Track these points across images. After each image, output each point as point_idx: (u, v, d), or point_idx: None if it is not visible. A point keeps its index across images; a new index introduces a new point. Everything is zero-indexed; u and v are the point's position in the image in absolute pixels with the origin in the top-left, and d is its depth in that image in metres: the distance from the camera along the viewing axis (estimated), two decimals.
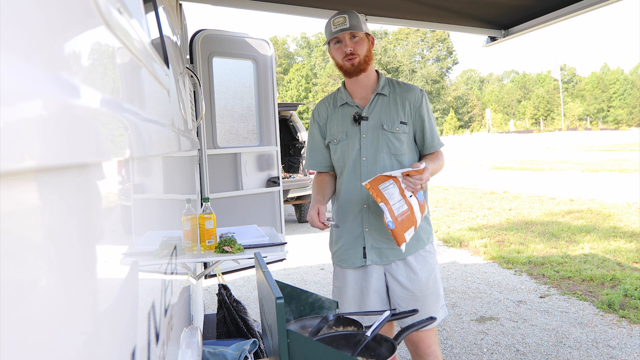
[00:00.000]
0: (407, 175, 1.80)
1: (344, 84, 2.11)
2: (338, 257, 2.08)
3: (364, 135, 2.00)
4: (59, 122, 0.32)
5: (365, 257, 2.00)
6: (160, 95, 1.11)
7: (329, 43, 2.03)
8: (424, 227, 2.03)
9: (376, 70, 2.10)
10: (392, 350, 1.23)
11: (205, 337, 2.65)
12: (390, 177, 1.78)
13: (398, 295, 1.99)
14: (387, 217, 1.76)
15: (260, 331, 2.55)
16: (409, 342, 2.04)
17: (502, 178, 13.70)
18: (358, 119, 2.00)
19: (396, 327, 2.19)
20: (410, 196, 1.81)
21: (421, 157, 2.06)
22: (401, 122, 1.98)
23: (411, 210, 1.80)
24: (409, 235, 1.82)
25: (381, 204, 1.76)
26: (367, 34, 2.01)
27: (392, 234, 1.79)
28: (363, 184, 1.83)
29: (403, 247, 1.81)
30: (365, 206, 1.99)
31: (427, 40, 77.60)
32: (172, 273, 1.17)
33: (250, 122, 3.61)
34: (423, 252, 2.01)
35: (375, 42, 2.26)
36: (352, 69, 1.98)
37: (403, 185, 1.79)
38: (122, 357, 0.53)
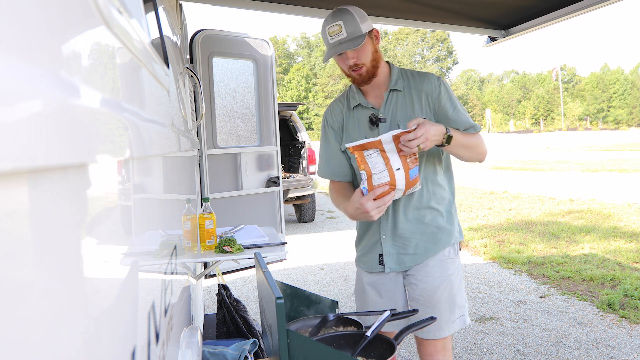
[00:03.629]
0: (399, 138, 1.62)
1: None
2: (359, 258, 1.99)
3: None
4: (59, 122, 0.32)
5: (381, 264, 1.88)
6: (160, 95, 1.11)
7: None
8: (443, 226, 1.85)
9: (387, 62, 1.89)
10: (392, 350, 1.23)
11: (205, 337, 2.65)
12: (375, 144, 1.62)
13: (412, 296, 1.87)
14: (364, 184, 1.65)
15: (260, 331, 2.55)
16: (419, 351, 1.92)
17: (502, 178, 13.70)
18: (375, 122, 1.82)
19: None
20: (398, 169, 1.64)
21: None
22: None
23: (392, 184, 1.64)
24: None
25: (362, 172, 1.64)
26: (370, 32, 1.76)
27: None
28: (347, 146, 1.68)
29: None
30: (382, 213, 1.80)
31: (427, 40, 77.63)
32: (172, 273, 1.17)
33: (250, 122, 3.61)
34: (440, 256, 1.85)
35: None
36: (360, 79, 1.79)
37: (391, 155, 1.63)
38: (122, 357, 0.53)
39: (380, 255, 1.88)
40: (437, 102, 1.79)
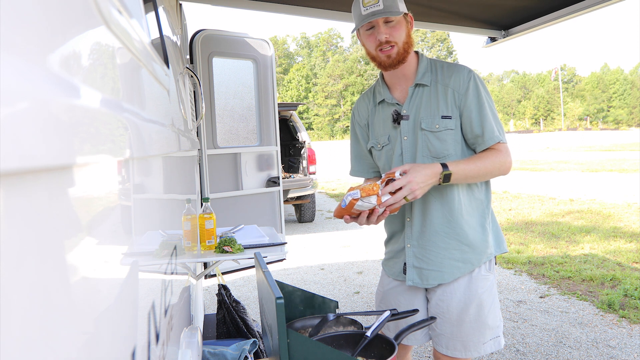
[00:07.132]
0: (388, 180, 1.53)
1: (381, 74, 1.76)
2: (384, 261, 1.88)
3: (405, 138, 1.68)
4: (59, 122, 0.32)
5: (404, 272, 1.75)
6: (160, 95, 1.11)
7: (358, 28, 1.65)
8: (474, 242, 1.68)
9: (416, 52, 1.72)
10: (392, 350, 1.23)
11: (205, 337, 2.65)
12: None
13: (434, 312, 1.74)
14: (348, 197, 1.51)
15: (260, 331, 2.55)
16: None
17: (502, 178, 13.70)
18: (397, 119, 1.68)
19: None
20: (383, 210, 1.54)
21: None
22: (443, 117, 1.62)
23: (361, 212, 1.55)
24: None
25: (355, 191, 1.51)
26: (406, 14, 1.64)
27: (337, 207, 1.57)
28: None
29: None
30: (408, 219, 1.72)
31: (427, 40, 77.68)
32: (172, 273, 1.17)
33: (250, 122, 3.61)
34: (469, 276, 1.70)
35: None
36: (388, 62, 1.62)
37: (383, 197, 1.52)
38: (122, 357, 0.53)
39: (404, 264, 1.75)
40: (463, 100, 1.61)
